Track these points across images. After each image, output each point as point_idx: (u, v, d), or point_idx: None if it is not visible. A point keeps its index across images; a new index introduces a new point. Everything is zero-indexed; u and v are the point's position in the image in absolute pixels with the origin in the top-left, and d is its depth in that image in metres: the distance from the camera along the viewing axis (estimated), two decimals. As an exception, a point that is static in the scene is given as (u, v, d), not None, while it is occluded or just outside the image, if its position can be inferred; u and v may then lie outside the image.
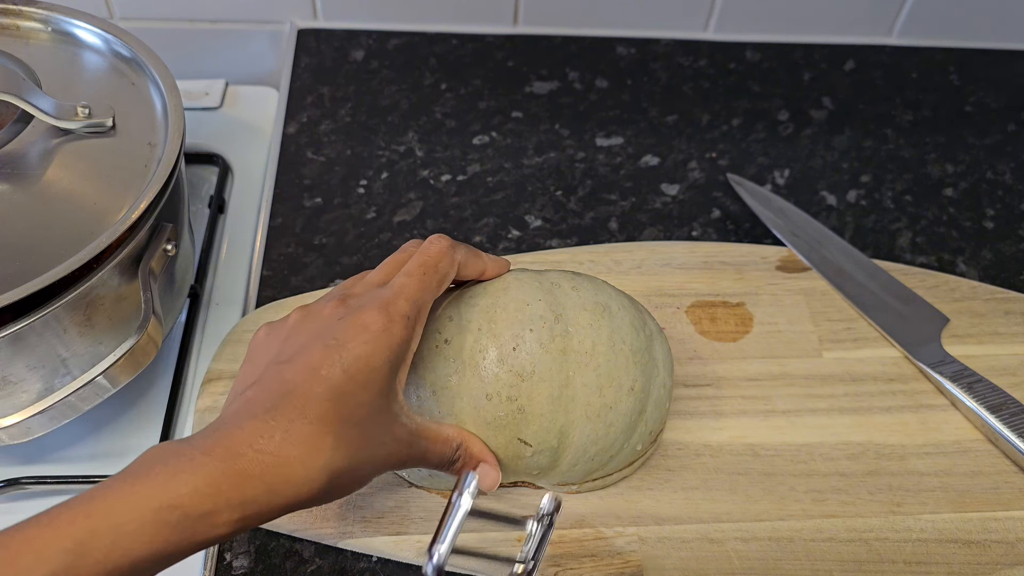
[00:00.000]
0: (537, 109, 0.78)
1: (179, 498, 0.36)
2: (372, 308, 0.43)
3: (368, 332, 0.42)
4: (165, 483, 0.36)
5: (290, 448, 0.39)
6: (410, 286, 0.45)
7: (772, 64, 0.83)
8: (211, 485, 0.37)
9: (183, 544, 0.36)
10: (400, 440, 0.44)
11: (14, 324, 0.46)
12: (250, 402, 0.40)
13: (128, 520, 0.35)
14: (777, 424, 0.57)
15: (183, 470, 0.37)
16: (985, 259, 0.69)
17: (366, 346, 0.42)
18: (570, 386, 0.47)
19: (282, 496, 0.39)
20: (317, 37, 0.83)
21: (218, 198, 0.70)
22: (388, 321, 0.43)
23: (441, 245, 0.47)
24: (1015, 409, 0.56)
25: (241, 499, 0.37)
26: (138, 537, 0.35)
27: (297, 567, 0.52)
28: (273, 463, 0.38)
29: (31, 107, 0.52)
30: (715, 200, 0.72)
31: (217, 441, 0.38)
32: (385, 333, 0.43)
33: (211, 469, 0.37)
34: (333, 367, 0.41)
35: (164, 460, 0.37)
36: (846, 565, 0.51)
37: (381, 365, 0.42)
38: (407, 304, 0.44)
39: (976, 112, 0.80)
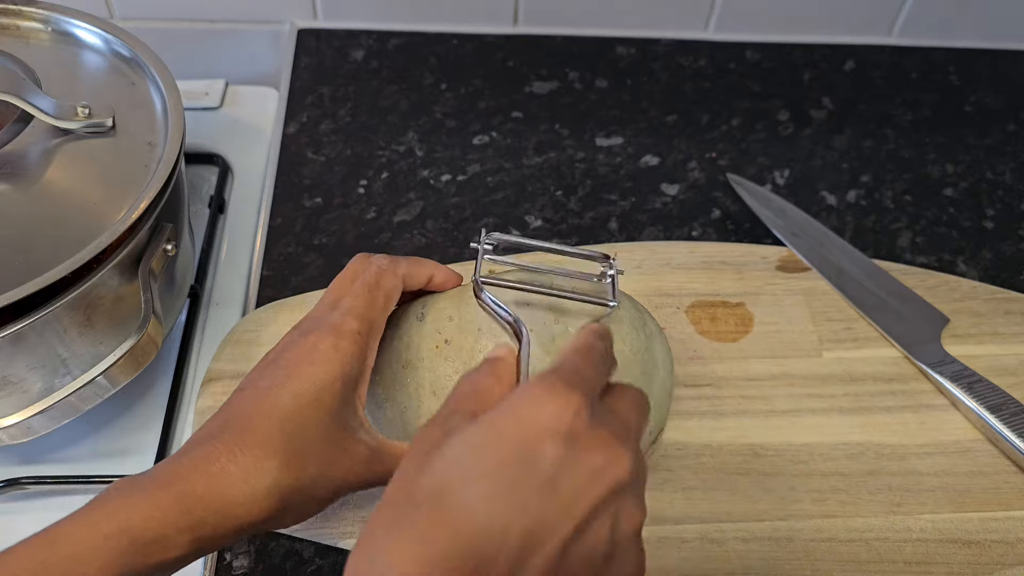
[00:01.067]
0: (537, 109, 0.78)
1: (127, 523, 0.37)
2: (320, 330, 0.44)
3: (316, 352, 0.43)
4: (115, 510, 0.38)
5: (234, 469, 0.40)
6: (357, 306, 0.46)
7: (772, 64, 0.83)
8: (159, 509, 0.38)
9: (139, 568, 0.38)
10: (357, 458, 0.44)
11: (14, 324, 0.46)
12: (203, 431, 0.42)
13: (80, 549, 0.37)
14: (777, 424, 0.57)
15: (133, 496, 0.38)
16: (985, 259, 0.69)
17: (313, 367, 0.43)
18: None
19: (232, 518, 0.39)
20: (317, 37, 0.83)
21: (218, 198, 0.70)
22: (336, 339, 0.44)
23: (381, 263, 0.48)
24: (1015, 409, 0.56)
25: (189, 522, 0.38)
26: (91, 564, 0.36)
27: (297, 567, 0.52)
28: (218, 484, 0.39)
29: (31, 107, 0.52)
30: (715, 200, 0.72)
31: (167, 469, 0.40)
32: (334, 350, 0.43)
33: (160, 494, 0.38)
34: (281, 390, 0.42)
35: (119, 490, 0.39)
36: (846, 565, 0.51)
37: (332, 382, 0.43)
38: (354, 320, 0.45)
39: (976, 112, 0.80)
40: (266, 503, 0.40)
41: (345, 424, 0.44)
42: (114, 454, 0.57)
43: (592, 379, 0.36)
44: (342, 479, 0.43)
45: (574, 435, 0.33)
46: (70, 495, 0.55)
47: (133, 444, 0.57)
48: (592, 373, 0.36)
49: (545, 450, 0.32)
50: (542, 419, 0.33)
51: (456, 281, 0.51)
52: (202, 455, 0.40)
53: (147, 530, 0.37)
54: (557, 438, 0.32)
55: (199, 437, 0.41)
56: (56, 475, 0.55)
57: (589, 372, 0.36)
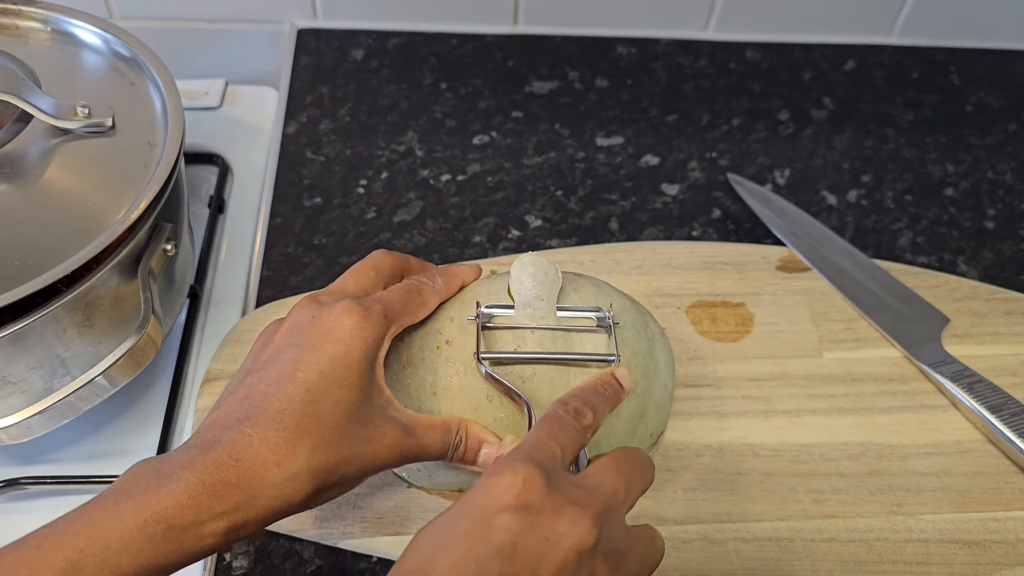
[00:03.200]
0: (537, 109, 0.78)
1: (162, 511, 0.37)
2: (344, 307, 0.44)
3: (341, 328, 0.43)
4: (147, 498, 0.37)
5: (267, 454, 0.39)
6: (388, 297, 0.46)
7: (772, 64, 0.83)
8: (192, 496, 0.37)
9: (172, 556, 0.37)
10: (388, 435, 0.43)
11: (14, 324, 0.46)
12: (226, 414, 0.41)
13: (115, 537, 0.36)
14: (777, 424, 0.57)
15: (163, 484, 0.38)
16: (986, 259, 0.69)
17: (339, 344, 0.42)
18: (571, 386, 0.47)
19: (266, 501, 0.39)
20: (317, 37, 0.82)
21: (218, 198, 0.70)
22: (361, 317, 0.43)
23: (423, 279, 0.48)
24: (1016, 409, 0.56)
25: (223, 508, 0.38)
26: (126, 553, 0.36)
27: (297, 567, 0.52)
28: (251, 469, 0.39)
29: (31, 107, 0.52)
30: (715, 200, 0.72)
31: (196, 454, 0.39)
32: (358, 327, 0.43)
33: (192, 481, 0.38)
34: (308, 370, 0.42)
35: (145, 477, 0.38)
36: (846, 565, 0.51)
37: (358, 360, 0.43)
38: (382, 306, 0.45)
39: (976, 112, 0.80)
40: (300, 486, 0.40)
41: (372, 402, 0.43)
42: (114, 454, 0.57)
43: (553, 450, 0.39)
44: (374, 456, 0.43)
45: (527, 504, 0.36)
46: (70, 495, 0.55)
47: (133, 444, 0.57)
48: (555, 444, 0.40)
49: (500, 520, 0.36)
50: (496, 493, 0.36)
51: (477, 274, 0.52)
52: (233, 439, 0.39)
53: (181, 518, 0.37)
54: (512, 509, 0.36)
55: (225, 421, 0.40)
56: (56, 475, 0.55)
57: (551, 444, 0.39)
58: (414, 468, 0.51)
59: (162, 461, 0.39)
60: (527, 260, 0.49)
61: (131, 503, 0.37)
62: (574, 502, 0.37)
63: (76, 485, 0.55)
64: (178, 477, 0.38)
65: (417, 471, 0.51)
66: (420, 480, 0.52)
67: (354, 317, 0.43)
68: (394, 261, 0.49)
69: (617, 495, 0.39)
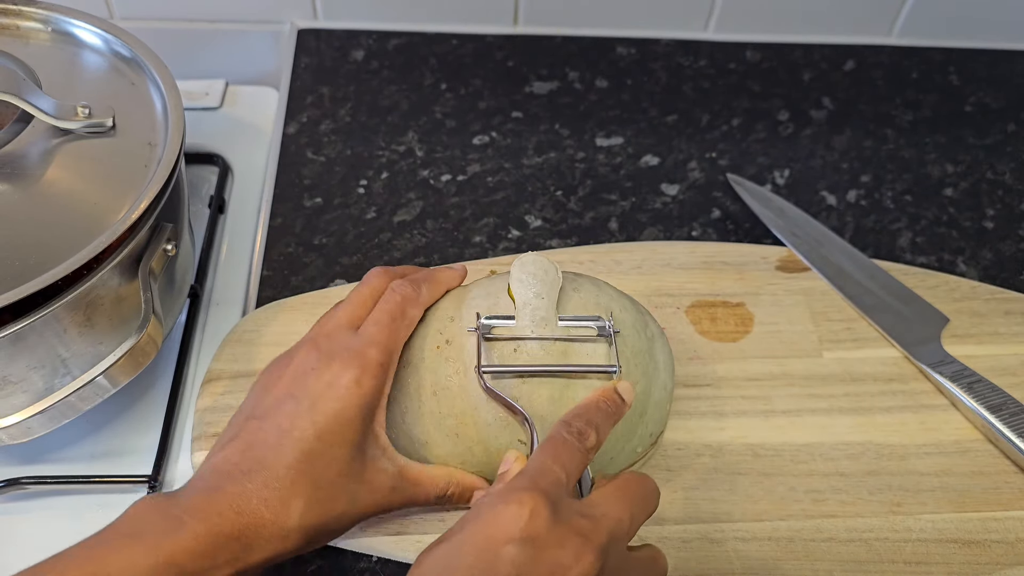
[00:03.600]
0: (537, 109, 0.78)
1: (174, 556, 0.39)
2: (343, 359, 0.45)
3: (339, 386, 0.44)
4: (159, 542, 0.39)
5: (264, 512, 0.42)
6: (380, 336, 0.46)
7: (772, 64, 0.83)
8: (202, 544, 0.40)
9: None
10: (379, 488, 0.45)
11: (14, 324, 0.46)
12: (229, 462, 0.43)
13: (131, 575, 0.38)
14: (777, 424, 0.57)
15: (174, 531, 0.40)
16: (985, 259, 0.69)
17: (337, 402, 0.44)
18: (570, 388, 0.47)
19: (262, 553, 0.42)
20: (317, 37, 0.82)
21: (218, 198, 0.70)
22: (360, 373, 0.44)
23: (406, 292, 0.48)
24: (1015, 409, 0.56)
25: (227, 557, 0.40)
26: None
27: (297, 567, 0.52)
28: (250, 524, 0.41)
29: (31, 107, 0.52)
30: (715, 200, 0.72)
31: (200, 502, 0.41)
32: (356, 385, 0.44)
33: (201, 530, 0.40)
34: (305, 429, 0.43)
35: (153, 519, 0.40)
36: (846, 565, 0.51)
37: (353, 418, 0.44)
38: (378, 352, 0.45)
39: (976, 112, 0.80)
40: (292, 540, 0.42)
41: (366, 455, 0.45)
42: (114, 454, 0.57)
43: (558, 475, 0.39)
44: (364, 509, 0.45)
45: (532, 536, 0.36)
46: (70, 495, 0.55)
47: (133, 444, 0.57)
48: (559, 468, 0.40)
49: (506, 553, 0.36)
50: (502, 524, 0.36)
51: (463, 277, 0.52)
52: (235, 495, 0.42)
53: (191, 563, 0.39)
54: (517, 541, 0.36)
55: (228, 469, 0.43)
56: (56, 475, 0.55)
57: (556, 468, 0.39)
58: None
59: (169, 503, 0.41)
60: (527, 259, 0.49)
61: (143, 547, 0.39)
62: (579, 533, 0.37)
63: (76, 485, 0.54)
64: (187, 526, 0.40)
65: None
66: None
67: (352, 372, 0.44)
68: (390, 279, 0.50)
69: (621, 524, 0.40)
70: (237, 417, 0.46)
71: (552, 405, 0.47)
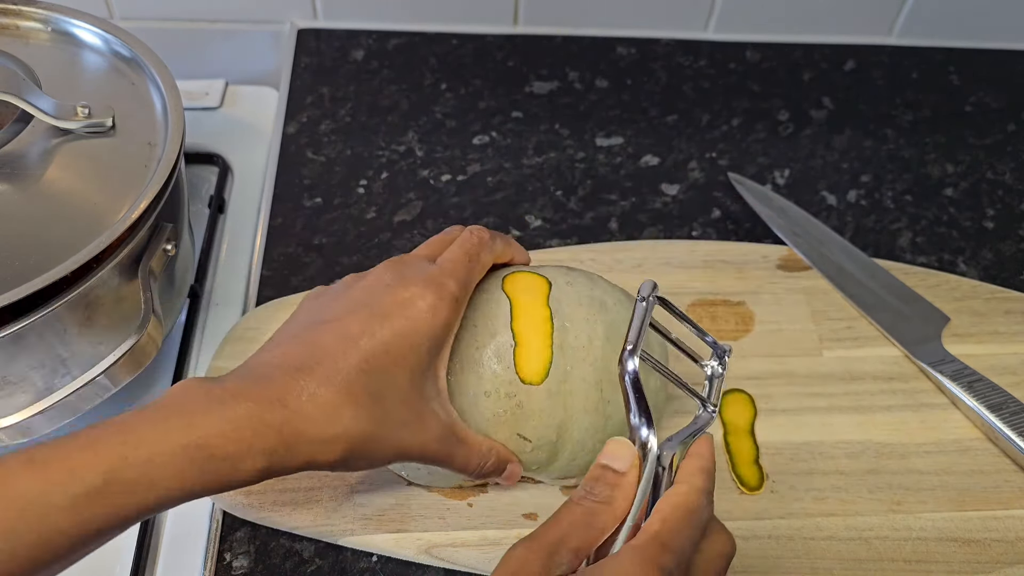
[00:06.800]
0: (537, 109, 0.78)
1: (207, 438, 0.37)
2: (421, 282, 0.43)
3: (414, 307, 0.42)
4: (195, 420, 0.37)
5: (312, 409, 0.39)
6: (458, 270, 0.45)
7: (772, 64, 0.83)
8: (237, 429, 0.37)
9: (207, 483, 0.37)
10: (428, 429, 0.43)
11: (14, 324, 0.46)
12: (285, 356, 0.41)
13: (157, 452, 0.36)
14: (777, 422, 0.57)
15: (213, 411, 0.38)
16: (985, 259, 0.69)
17: (408, 322, 0.42)
18: (568, 381, 0.47)
19: (299, 454, 0.39)
20: (317, 37, 0.83)
21: (218, 198, 0.70)
22: (437, 299, 0.43)
23: (483, 236, 0.48)
24: (1015, 408, 0.56)
25: (263, 448, 0.38)
26: (166, 469, 0.36)
27: (297, 567, 0.52)
28: (294, 420, 0.39)
29: (31, 107, 0.52)
30: (715, 200, 0.72)
31: (248, 387, 0.39)
32: (431, 311, 0.42)
33: (240, 413, 0.38)
34: (372, 338, 0.41)
35: (195, 396, 0.38)
36: (846, 563, 0.51)
37: (420, 343, 0.42)
38: (456, 285, 0.44)
39: (976, 112, 0.80)
40: (333, 449, 0.40)
41: (424, 392, 0.43)
42: (114, 454, 0.57)
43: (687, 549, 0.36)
44: (408, 444, 0.43)
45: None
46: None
47: (133, 444, 0.57)
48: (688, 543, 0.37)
49: None
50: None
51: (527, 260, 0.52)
52: (285, 386, 0.39)
53: (221, 448, 0.37)
54: None
55: (281, 361, 0.40)
56: (56, 475, 0.55)
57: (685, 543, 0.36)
58: (413, 465, 0.51)
59: (213, 384, 0.39)
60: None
61: (178, 422, 0.37)
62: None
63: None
64: (228, 406, 0.38)
65: (416, 468, 0.51)
66: (419, 478, 0.52)
67: (429, 298, 0.43)
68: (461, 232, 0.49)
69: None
70: (293, 322, 0.44)
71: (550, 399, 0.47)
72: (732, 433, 0.56)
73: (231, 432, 0.37)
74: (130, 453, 0.36)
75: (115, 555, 0.52)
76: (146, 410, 0.38)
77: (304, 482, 0.53)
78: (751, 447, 0.55)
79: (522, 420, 0.47)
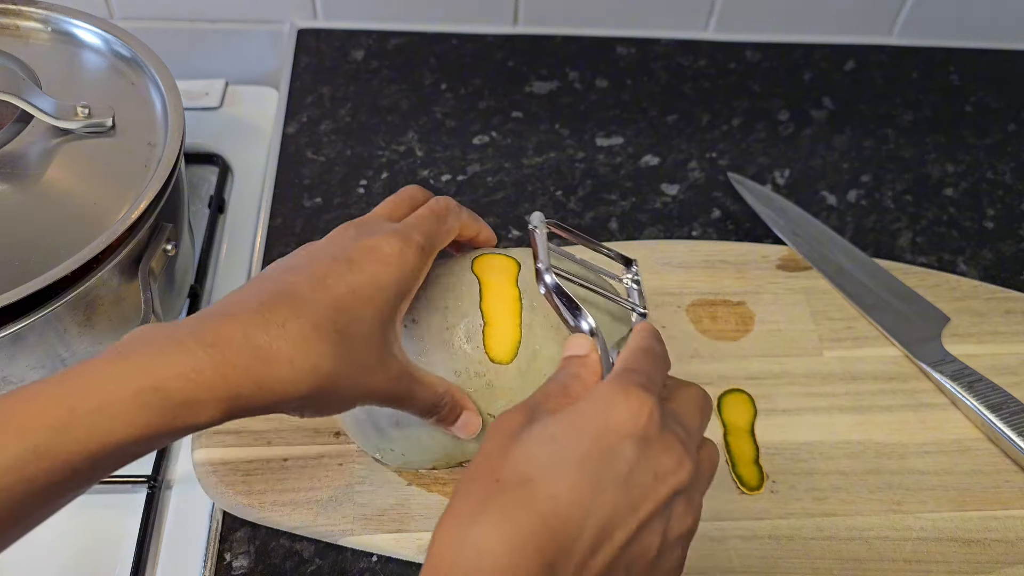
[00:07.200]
0: (537, 109, 0.78)
1: (162, 380, 0.35)
2: (384, 233, 0.43)
3: (380, 252, 0.42)
4: (148, 363, 0.35)
5: (282, 344, 0.38)
6: (424, 225, 0.45)
7: (772, 64, 0.83)
8: (196, 371, 0.36)
9: (164, 428, 0.35)
10: (390, 372, 0.43)
11: (14, 324, 0.46)
12: (247, 296, 0.40)
13: (109, 400, 0.34)
14: (777, 422, 0.57)
15: (167, 352, 0.36)
16: (985, 259, 0.69)
17: (376, 265, 0.42)
18: (537, 360, 0.48)
19: (267, 392, 0.38)
20: (317, 37, 0.83)
21: (218, 198, 0.70)
22: (403, 246, 0.43)
23: (449, 202, 0.48)
24: (1015, 408, 0.56)
25: (226, 390, 0.36)
26: (119, 418, 0.34)
27: (297, 567, 0.52)
28: (263, 356, 0.37)
29: (31, 107, 0.52)
30: (715, 200, 0.72)
31: (206, 327, 0.37)
32: (398, 257, 0.42)
33: (199, 354, 0.36)
34: (339, 279, 0.41)
35: (150, 340, 0.36)
36: (846, 563, 0.51)
37: (388, 286, 0.42)
38: (421, 236, 0.44)
39: (976, 112, 0.80)
40: (303, 385, 0.38)
41: (386, 334, 0.43)
42: (114, 454, 0.57)
43: (658, 381, 0.39)
44: (370, 385, 0.42)
45: (647, 438, 0.36)
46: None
47: (133, 444, 0.57)
48: (657, 374, 0.39)
49: (623, 449, 0.35)
50: (620, 420, 0.35)
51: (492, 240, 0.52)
52: (250, 322, 0.38)
53: (180, 391, 0.35)
54: (634, 439, 0.35)
55: (244, 302, 0.39)
56: (56, 475, 0.55)
57: (655, 374, 0.39)
58: (387, 448, 0.51)
59: (170, 327, 0.37)
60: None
61: (131, 365, 0.35)
62: (680, 441, 0.37)
63: (76, 484, 0.54)
64: (185, 347, 0.36)
65: (391, 451, 0.51)
66: (394, 460, 0.52)
67: (396, 244, 0.43)
68: (425, 197, 0.49)
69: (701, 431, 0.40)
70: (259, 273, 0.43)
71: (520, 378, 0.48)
72: (732, 433, 0.56)
73: (191, 373, 0.35)
74: (78, 404, 0.34)
75: (115, 555, 0.52)
76: (99, 358, 0.36)
77: (304, 482, 0.53)
78: (751, 447, 0.55)
79: (492, 399, 0.48)
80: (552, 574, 0.33)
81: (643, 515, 0.35)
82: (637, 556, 0.35)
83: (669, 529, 0.36)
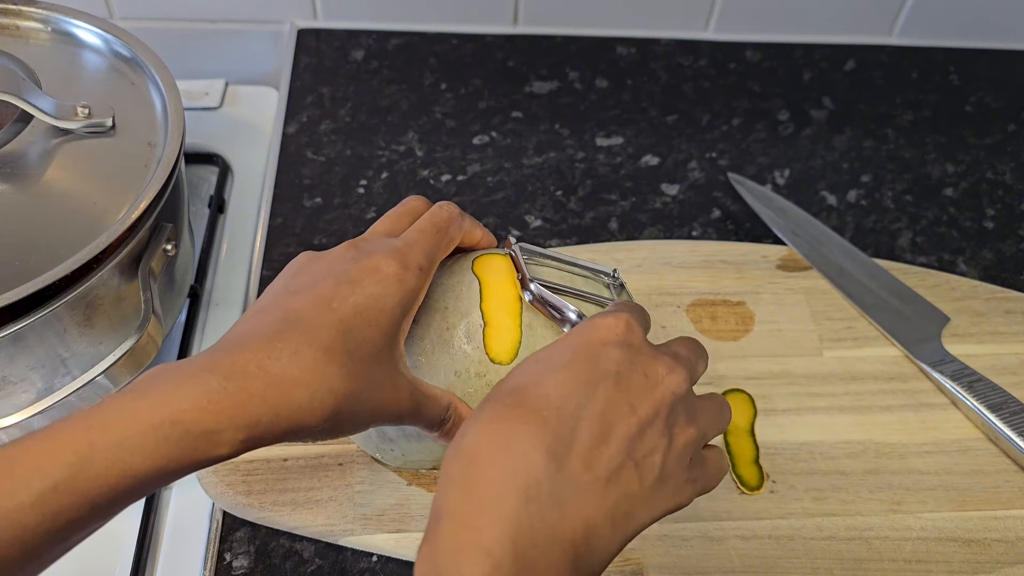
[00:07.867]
0: (537, 109, 0.78)
1: (180, 413, 0.35)
2: (386, 253, 0.43)
3: (381, 274, 0.43)
4: (166, 398, 0.36)
5: (296, 371, 0.38)
6: (423, 241, 0.45)
7: (772, 64, 0.83)
8: (213, 402, 0.36)
9: (184, 461, 0.36)
10: (400, 388, 0.43)
11: (14, 324, 0.46)
12: (256, 326, 0.40)
13: (128, 435, 0.35)
14: (777, 422, 0.57)
15: (183, 386, 0.36)
16: (985, 259, 0.69)
17: (378, 286, 0.42)
18: None
19: (285, 420, 0.38)
20: (317, 37, 0.83)
21: (218, 198, 0.70)
22: (402, 268, 0.43)
23: (451, 211, 0.48)
24: (1015, 408, 0.56)
25: (244, 419, 0.37)
26: (138, 452, 0.35)
27: (297, 567, 0.52)
28: (278, 384, 0.38)
29: (31, 107, 0.52)
30: (715, 200, 0.72)
31: (221, 359, 0.38)
32: (397, 278, 0.43)
33: (214, 386, 0.36)
34: (344, 301, 0.41)
35: (165, 376, 0.37)
36: (846, 563, 0.51)
37: (392, 307, 0.42)
38: (421, 255, 0.44)
39: (976, 112, 0.80)
40: (320, 410, 0.39)
41: (392, 352, 0.43)
42: (114, 454, 0.57)
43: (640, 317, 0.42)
44: (382, 404, 0.43)
45: (631, 344, 0.39)
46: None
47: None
48: (639, 315, 0.42)
49: (607, 352, 0.38)
50: (600, 330, 0.39)
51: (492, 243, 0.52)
52: (263, 351, 0.38)
53: (198, 423, 0.36)
54: (615, 344, 0.38)
55: (254, 333, 0.39)
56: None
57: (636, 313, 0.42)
58: (387, 448, 0.51)
59: (185, 362, 0.38)
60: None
61: (148, 401, 0.36)
62: (669, 355, 0.39)
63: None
64: (200, 379, 0.36)
65: (391, 451, 0.51)
66: (394, 460, 0.52)
67: (395, 266, 0.43)
68: (426, 206, 0.49)
69: (695, 368, 0.42)
70: (262, 299, 0.44)
71: None
72: (732, 433, 0.56)
73: (207, 404, 0.36)
74: (97, 439, 0.34)
75: (115, 555, 0.52)
76: (117, 394, 0.36)
77: (304, 482, 0.53)
78: (751, 447, 0.55)
79: None
80: (555, 460, 0.35)
81: (643, 414, 0.37)
82: (645, 454, 0.37)
83: (674, 435, 0.38)
